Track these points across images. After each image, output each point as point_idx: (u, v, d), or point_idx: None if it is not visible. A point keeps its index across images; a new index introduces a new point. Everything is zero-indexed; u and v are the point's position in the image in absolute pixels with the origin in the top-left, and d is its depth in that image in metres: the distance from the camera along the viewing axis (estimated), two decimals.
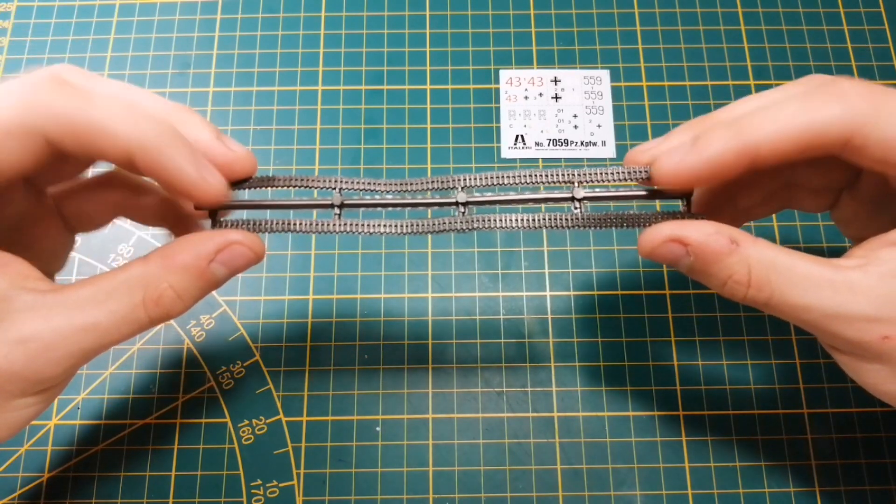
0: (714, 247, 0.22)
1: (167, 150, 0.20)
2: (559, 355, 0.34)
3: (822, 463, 0.33)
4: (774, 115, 0.21)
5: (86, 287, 0.21)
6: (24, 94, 0.20)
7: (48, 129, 0.19)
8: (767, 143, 0.21)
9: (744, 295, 0.22)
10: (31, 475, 0.32)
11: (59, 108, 0.19)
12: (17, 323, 0.20)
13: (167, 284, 0.21)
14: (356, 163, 0.38)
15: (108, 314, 0.20)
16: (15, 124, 0.19)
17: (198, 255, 0.22)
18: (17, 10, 0.42)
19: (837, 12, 0.41)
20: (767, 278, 0.21)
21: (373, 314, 0.35)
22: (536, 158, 0.38)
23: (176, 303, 0.21)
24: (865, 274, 0.21)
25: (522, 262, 0.36)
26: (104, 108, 0.20)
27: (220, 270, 0.22)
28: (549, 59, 0.40)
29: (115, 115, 0.20)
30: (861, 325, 0.21)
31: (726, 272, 0.22)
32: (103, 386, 0.34)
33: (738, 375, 0.34)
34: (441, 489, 0.32)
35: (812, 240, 0.37)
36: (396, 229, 0.24)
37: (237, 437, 0.33)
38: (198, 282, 0.22)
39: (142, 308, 0.21)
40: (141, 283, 0.21)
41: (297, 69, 0.40)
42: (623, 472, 0.32)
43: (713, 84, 0.40)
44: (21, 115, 0.19)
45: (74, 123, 0.20)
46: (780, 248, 0.22)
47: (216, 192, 0.22)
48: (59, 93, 0.20)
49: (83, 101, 0.20)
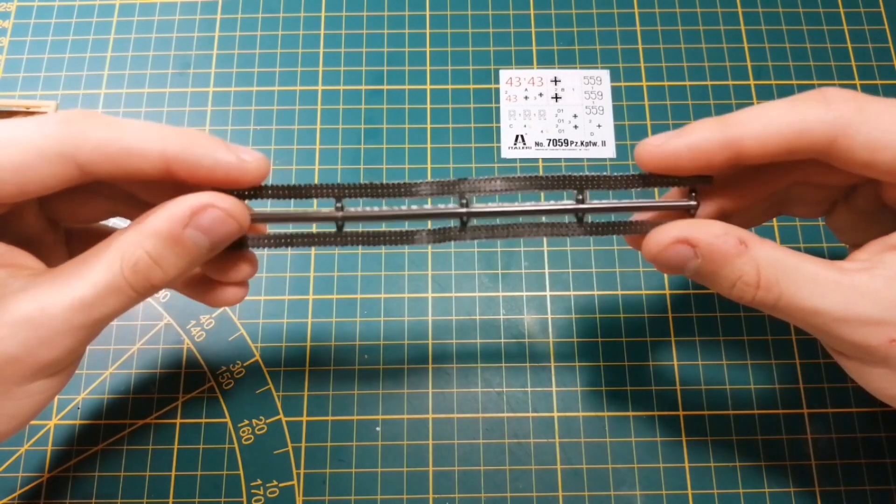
0: (723, 248, 0.22)
1: (200, 146, 0.21)
2: (559, 355, 0.34)
3: (822, 463, 0.33)
4: (760, 112, 0.22)
5: (70, 263, 0.21)
6: (59, 122, 0.21)
7: (83, 157, 0.21)
8: (752, 138, 0.21)
9: (752, 297, 0.22)
10: (31, 475, 0.32)
11: (95, 137, 0.21)
12: (8, 306, 0.20)
13: (142, 250, 0.21)
14: (356, 163, 0.38)
15: (90, 286, 0.20)
16: (50, 148, 0.20)
17: (171, 218, 0.21)
18: (17, 10, 0.42)
19: (837, 12, 0.41)
20: (776, 279, 0.21)
21: (373, 314, 0.35)
22: (536, 158, 0.38)
23: (153, 269, 0.21)
24: (872, 277, 0.21)
25: (522, 262, 0.36)
26: (135, 131, 0.21)
27: (198, 237, 0.22)
28: (549, 59, 0.40)
29: (145, 135, 0.21)
30: (869, 328, 0.20)
31: (735, 274, 0.22)
32: (103, 386, 0.34)
33: (738, 375, 0.34)
34: (441, 489, 0.32)
35: (812, 240, 0.37)
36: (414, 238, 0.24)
37: (237, 437, 0.33)
38: (174, 248, 0.21)
39: (121, 276, 0.21)
40: (118, 250, 0.21)
41: (297, 69, 0.40)
42: (623, 472, 0.32)
43: (713, 84, 0.40)
44: (56, 140, 0.20)
45: (110, 150, 0.21)
46: (787, 250, 0.22)
47: (261, 167, 0.22)
48: (94, 123, 0.21)
49: (117, 129, 0.21)
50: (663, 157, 0.22)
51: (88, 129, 0.21)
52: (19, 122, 0.21)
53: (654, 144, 0.23)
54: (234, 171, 0.22)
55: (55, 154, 0.20)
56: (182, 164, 0.21)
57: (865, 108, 0.20)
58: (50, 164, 0.20)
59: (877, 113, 0.20)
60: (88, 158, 0.20)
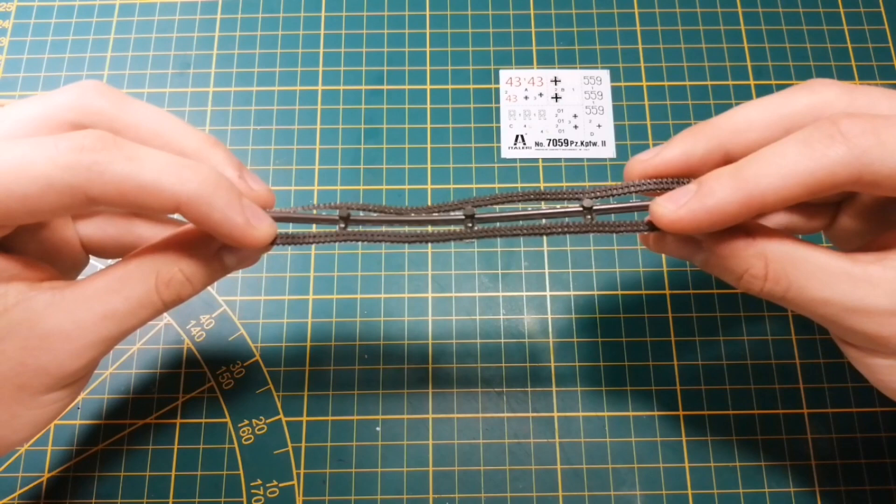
0: (730, 240, 0.21)
1: (215, 202, 0.21)
2: (559, 355, 0.34)
3: (822, 463, 0.33)
4: (778, 163, 0.20)
5: (101, 277, 0.21)
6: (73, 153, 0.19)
7: (94, 192, 0.19)
8: (773, 193, 0.20)
9: (760, 288, 0.21)
10: (31, 475, 0.32)
11: (109, 175, 0.19)
12: (40, 320, 0.20)
13: (178, 269, 0.22)
14: (356, 163, 0.38)
15: (124, 300, 0.21)
16: (62, 182, 0.19)
17: (208, 240, 0.22)
18: (17, 10, 0.42)
19: (837, 12, 0.41)
20: (784, 271, 0.21)
21: (373, 314, 0.35)
22: (536, 158, 0.38)
23: (186, 286, 0.22)
24: (885, 268, 0.20)
25: (522, 262, 0.36)
26: (152, 170, 0.20)
27: (229, 258, 0.23)
28: (549, 59, 0.40)
29: (163, 174, 0.20)
30: (881, 318, 0.20)
31: (742, 266, 0.21)
32: (103, 386, 0.34)
33: (738, 375, 0.34)
34: (441, 489, 0.32)
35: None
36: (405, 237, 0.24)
37: (237, 437, 0.33)
38: (207, 268, 0.23)
39: (154, 292, 0.22)
40: (153, 268, 0.22)
41: (297, 69, 0.40)
42: (623, 472, 0.32)
43: (713, 84, 0.40)
44: (69, 176, 0.19)
45: (124, 188, 0.20)
46: (798, 241, 0.21)
47: (264, 238, 0.22)
48: (113, 157, 0.20)
49: (134, 166, 0.20)
50: (686, 225, 0.21)
51: (105, 163, 0.19)
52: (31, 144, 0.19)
53: (670, 209, 0.21)
54: (237, 233, 0.21)
55: (66, 186, 0.19)
56: (192, 212, 0.21)
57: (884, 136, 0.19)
58: (60, 197, 0.19)
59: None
60: (100, 192, 0.20)
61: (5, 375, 0.20)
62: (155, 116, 0.23)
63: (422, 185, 0.38)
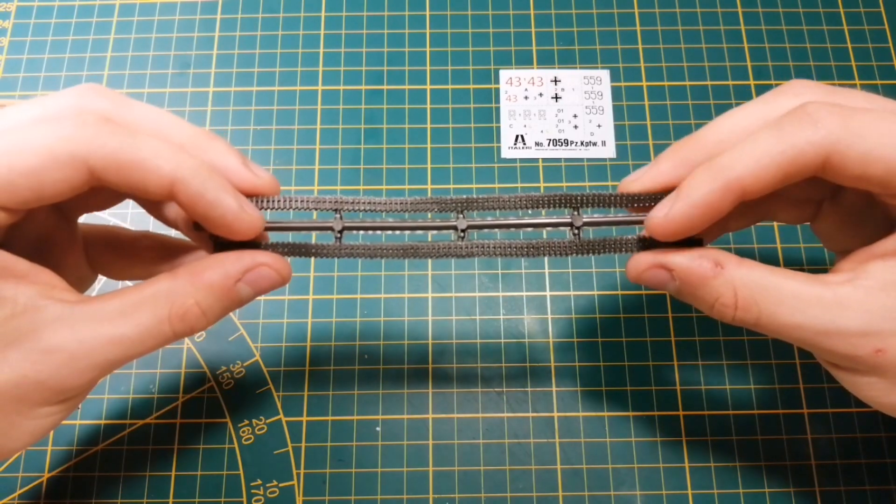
0: (698, 271, 0.22)
1: (210, 185, 0.21)
2: (559, 355, 0.34)
3: (822, 463, 0.33)
4: (750, 148, 0.21)
5: (113, 300, 0.21)
6: (75, 126, 0.20)
7: (95, 163, 0.20)
8: (750, 177, 0.21)
9: (732, 316, 0.22)
10: (31, 475, 0.32)
11: (109, 146, 0.20)
12: (46, 333, 0.20)
13: (193, 301, 0.22)
14: (356, 163, 0.38)
15: (134, 327, 0.21)
16: (64, 152, 0.20)
17: (226, 274, 0.22)
18: (17, 10, 0.42)
19: (837, 12, 0.41)
20: (754, 299, 0.21)
21: (373, 314, 0.35)
22: (536, 158, 0.38)
23: (200, 319, 0.22)
24: (854, 288, 0.21)
25: (522, 262, 0.36)
26: (149, 146, 0.21)
27: (246, 291, 0.23)
28: (549, 59, 0.40)
29: (160, 153, 0.21)
30: (853, 339, 0.21)
31: (713, 295, 0.22)
32: (103, 386, 0.34)
33: (738, 375, 0.34)
34: (441, 489, 0.32)
35: (812, 240, 0.37)
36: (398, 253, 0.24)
37: (237, 437, 0.33)
38: (223, 300, 0.22)
39: (167, 323, 0.21)
40: (168, 297, 0.21)
41: (297, 69, 0.40)
42: (623, 472, 0.32)
43: (713, 84, 0.40)
44: (71, 145, 0.20)
45: (122, 160, 0.20)
46: (767, 268, 0.22)
47: (255, 224, 0.22)
48: (108, 130, 0.20)
49: (131, 139, 0.21)
50: (676, 227, 0.22)
51: (105, 134, 0.20)
52: (35, 124, 0.20)
53: (659, 216, 0.22)
54: (231, 215, 0.22)
55: (67, 156, 0.20)
56: (186, 192, 0.21)
57: (850, 124, 0.20)
58: (62, 169, 0.20)
59: (862, 126, 0.20)
60: (100, 164, 0.20)
61: (6, 384, 0.20)
62: (155, 115, 0.23)
63: (422, 185, 0.38)
